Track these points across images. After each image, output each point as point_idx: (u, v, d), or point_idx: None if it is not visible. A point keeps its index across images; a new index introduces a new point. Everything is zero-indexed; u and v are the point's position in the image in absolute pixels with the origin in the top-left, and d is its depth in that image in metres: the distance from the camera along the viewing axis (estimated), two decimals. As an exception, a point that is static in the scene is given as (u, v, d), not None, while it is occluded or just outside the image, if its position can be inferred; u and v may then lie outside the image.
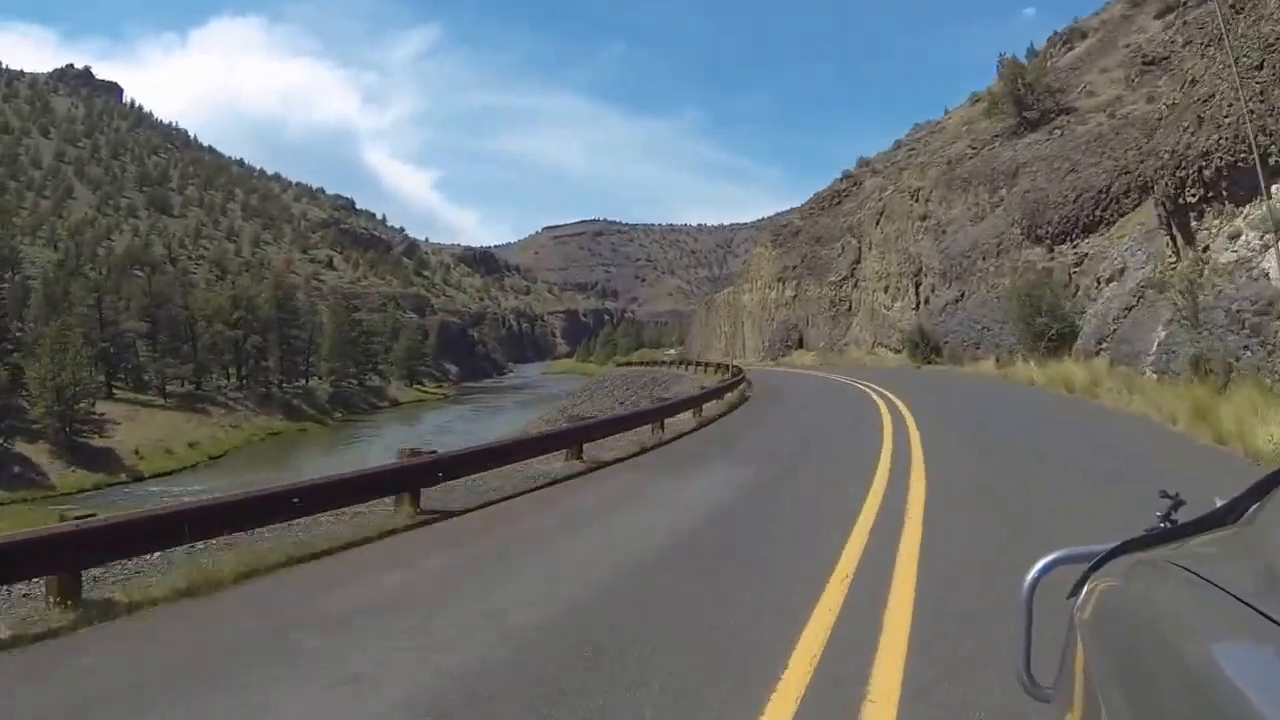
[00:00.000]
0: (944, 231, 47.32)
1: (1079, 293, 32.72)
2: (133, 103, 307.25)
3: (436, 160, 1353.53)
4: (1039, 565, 1.76)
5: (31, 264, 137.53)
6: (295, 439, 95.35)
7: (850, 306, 60.12)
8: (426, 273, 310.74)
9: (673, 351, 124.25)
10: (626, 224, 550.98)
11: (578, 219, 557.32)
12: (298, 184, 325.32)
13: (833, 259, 63.30)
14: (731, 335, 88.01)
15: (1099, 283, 31.32)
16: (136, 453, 77.22)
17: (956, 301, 43.39)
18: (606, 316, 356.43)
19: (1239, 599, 1.09)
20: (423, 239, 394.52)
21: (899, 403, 22.45)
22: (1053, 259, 35.28)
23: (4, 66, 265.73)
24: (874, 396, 25.93)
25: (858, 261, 59.42)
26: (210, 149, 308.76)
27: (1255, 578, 1.14)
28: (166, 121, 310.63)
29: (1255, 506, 1.52)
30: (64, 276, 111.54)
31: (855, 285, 59.61)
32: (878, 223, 56.47)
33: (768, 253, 76.61)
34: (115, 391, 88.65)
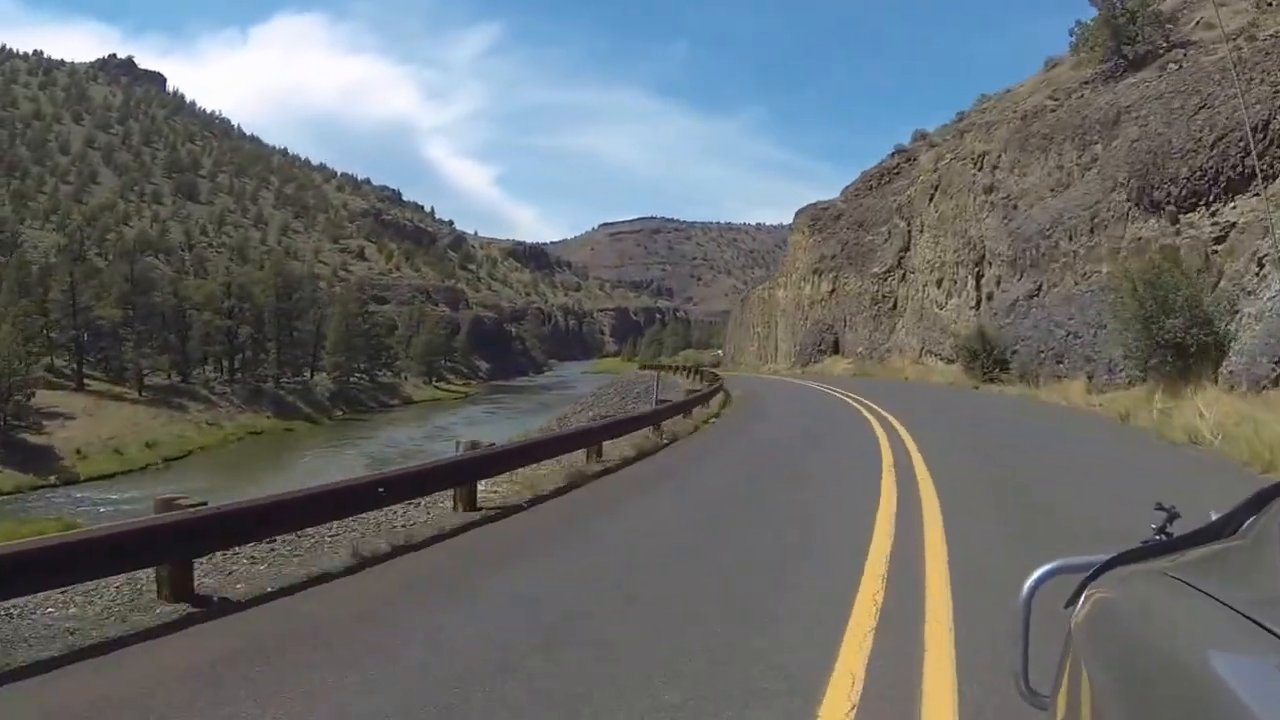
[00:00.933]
0: (1015, 206, 36.17)
1: (1221, 282, 21.45)
2: (175, 92, 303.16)
3: (497, 157, 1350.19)
4: (1036, 575, 1.74)
5: (34, 248, 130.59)
6: (279, 440, 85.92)
7: (895, 304, 48.86)
8: (471, 266, 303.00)
9: (719, 352, 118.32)
10: (683, 222, 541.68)
11: (635, 216, 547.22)
12: (342, 174, 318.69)
13: (876, 246, 52.07)
14: (765, 337, 77.04)
15: (1259, 267, 20.06)
16: (78, 452, 68.24)
17: (1031, 297, 32.10)
18: (658, 315, 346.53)
19: (1236, 610, 1.10)
20: (472, 232, 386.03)
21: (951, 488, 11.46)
22: (1178, 233, 23.91)
23: (44, 56, 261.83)
24: (891, 448, 14.87)
25: (906, 249, 48.16)
26: (253, 138, 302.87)
27: (1252, 590, 1.15)
28: (209, 111, 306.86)
29: (1251, 520, 1.53)
30: (66, 261, 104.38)
31: (902, 278, 48.34)
32: (931, 199, 45.17)
33: (804, 240, 65.49)
34: (89, 383, 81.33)
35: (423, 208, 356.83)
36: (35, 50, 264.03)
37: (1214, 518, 1.63)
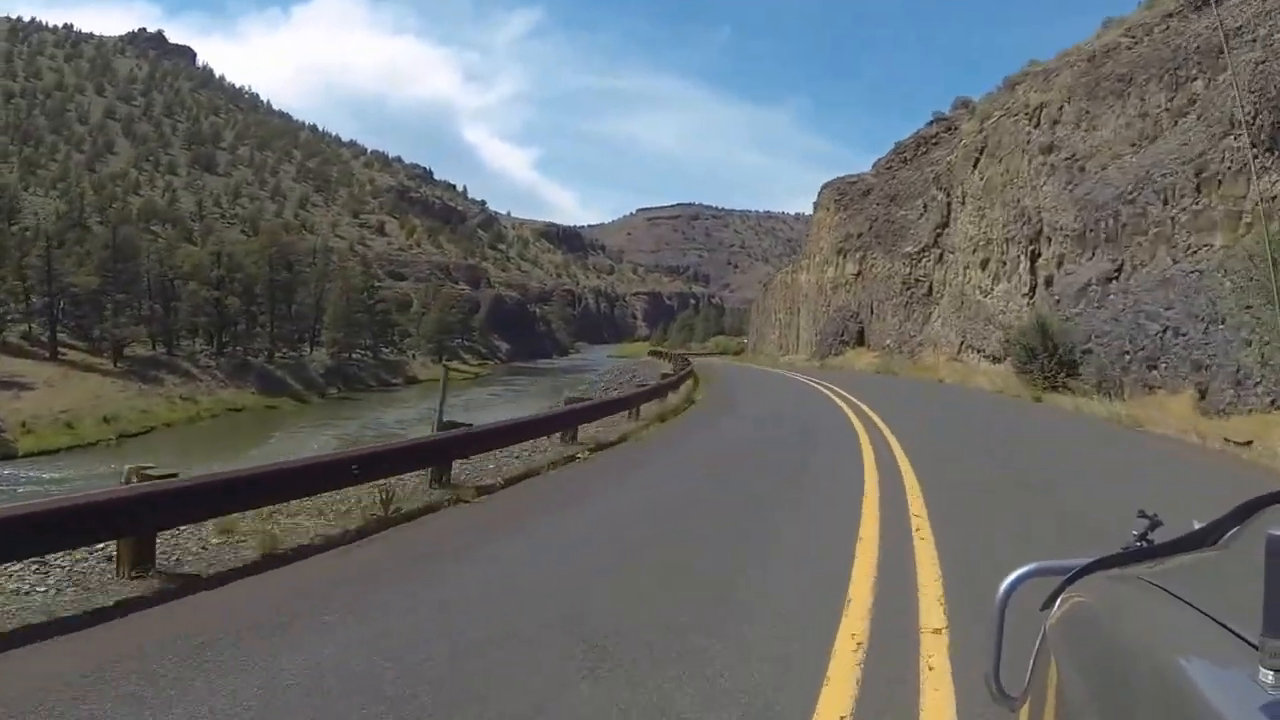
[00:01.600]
0: (1081, 168, 28.78)
1: None
2: (204, 66, 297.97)
3: (537, 140, 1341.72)
4: (1013, 576, 1.72)
5: (35, 214, 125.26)
6: (257, 418, 79.49)
7: (929, 289, 41.39)
8: (501, 246, 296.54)
9: (745, 340, 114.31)
10: (722, 209, 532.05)
11: (673, 202, 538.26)
12: (372, 152, 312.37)
13: (910, 222, 44.59)
14: (787, 325, 69.68)
15: None
16: (23, 425, 62.36)
17: (1107, 280, 24.58)
18: (692, 300, 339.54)
19: (1210, 616, 1.11)
20: (505, 213, 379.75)
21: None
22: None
23: (74, 29, 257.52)
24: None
25: (944, 225, 40.62)
26: (281, 114, 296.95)
27: (1226, 597, 1.15)
28: (238, 85, 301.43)
29: (1234, 531, 1.54)
30: (66, 229, 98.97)
31: (939, 259, 40.83)
32: (975, 164, 37.57)
33: (829, 217, 57.97)
34: (66, 353, 75.95)
35: (454, 186, 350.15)
36: (65, 24, 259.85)
37: (1196, 527, 1.61)
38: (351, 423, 70.80)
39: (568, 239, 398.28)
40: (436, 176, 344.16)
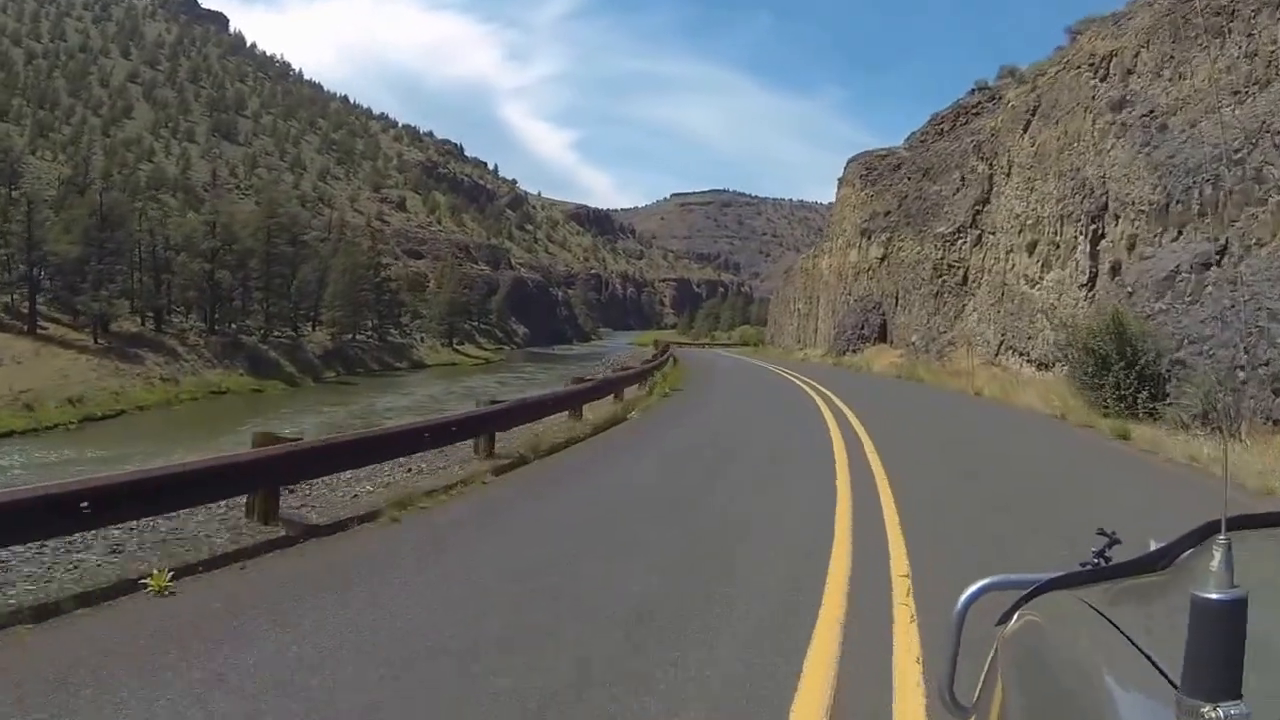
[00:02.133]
0: (1163, 126, 22.69)
1: None
2: (236, 33, 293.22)
3: (575, 122, 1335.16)
4: (971, 589, 1.72)
5: (38, 179, 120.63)
6: (240, 402, 74.15)
7: (965, 277, 35.03)
8: (529, 227, 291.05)
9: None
10: (755, 196, 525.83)
11: (707, 188, 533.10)
12: (403, 126, 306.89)
13: (944, 199, 38.25)
14: (805, 315, 63.48)
15: None
16: (-27, 405, 57.34)
17: (1204, 268, 18.26)
18: (721, 289, 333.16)
19: (1147, 656, 1.11)
20: (535, 193, 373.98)
21: None
22: None
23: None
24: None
25: (984, 201, 34.24)
26: (312, 84, 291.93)
27: (1160, 627, 1.19)
28: (269, 54, 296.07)
29: (1190, 552, 1.56)
30: (65, 195, 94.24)
31: (977, 241, 34.44)
32: (1025, 128, 31.22)
33: (854, 194, 51.65)
34: (48, 326, 71.60)
35: (485, 164, 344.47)
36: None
37: (1153, 547, 1.64)
38: (339, 410, 65.78)
39: (598, 221, 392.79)
40: (469, 154, 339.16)
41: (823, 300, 56.68)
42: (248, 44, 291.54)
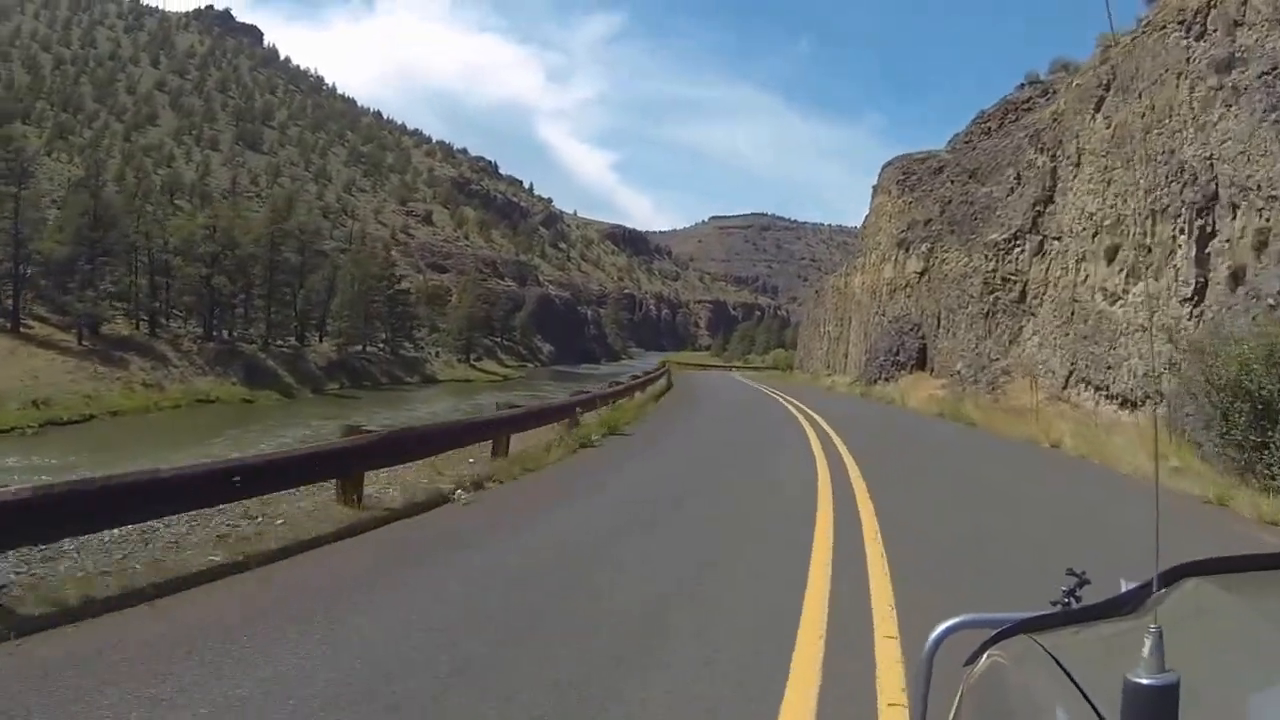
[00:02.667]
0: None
1: None
2: (270, 46, 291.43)
3: (614, 143, 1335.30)
4: (941, 628, 1.73)
5: (50, 180, 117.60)
6: (227, 412, 69.40)
7: (1023, 293, 28.80)
8: (562, 245, 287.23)
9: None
10: (794, 220, 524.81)
11: (746, 211, 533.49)
12: (437, 141, 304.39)
13: (996, 202, 32.15)
14: (836, 338, 57.49)
15: None
16: (-68, 405, 54.23)
17: None
18: (757, 312, 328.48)
19: (1092, 705, 1.11)
20: (571, 211, 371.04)
21: None
22: None
23: (139, 2, 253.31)
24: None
25: (1046, 201, 28.09)
26: (344, 97, 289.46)
27: (1114, 677, 1.13)
28: (302, 67, 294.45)
29: (1159, 594, 1.53)
30: (80, 195, 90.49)
31: (1038, 249, 28.24)
32: (1096, 109, 25.09)
33: (890, 202, 45.74)
34: (33, 326, 69.33)
35: (520, 182, 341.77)
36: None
37: (1124, 588, 1.62)
38: (329, 424, 60.54)
39: (633, 242, 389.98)
40: (506, 172, 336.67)
41: (854, 322, 50.69)
42: (281, 57, 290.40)
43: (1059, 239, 26.67)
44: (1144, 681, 0.88)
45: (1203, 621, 1.35)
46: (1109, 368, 21.82)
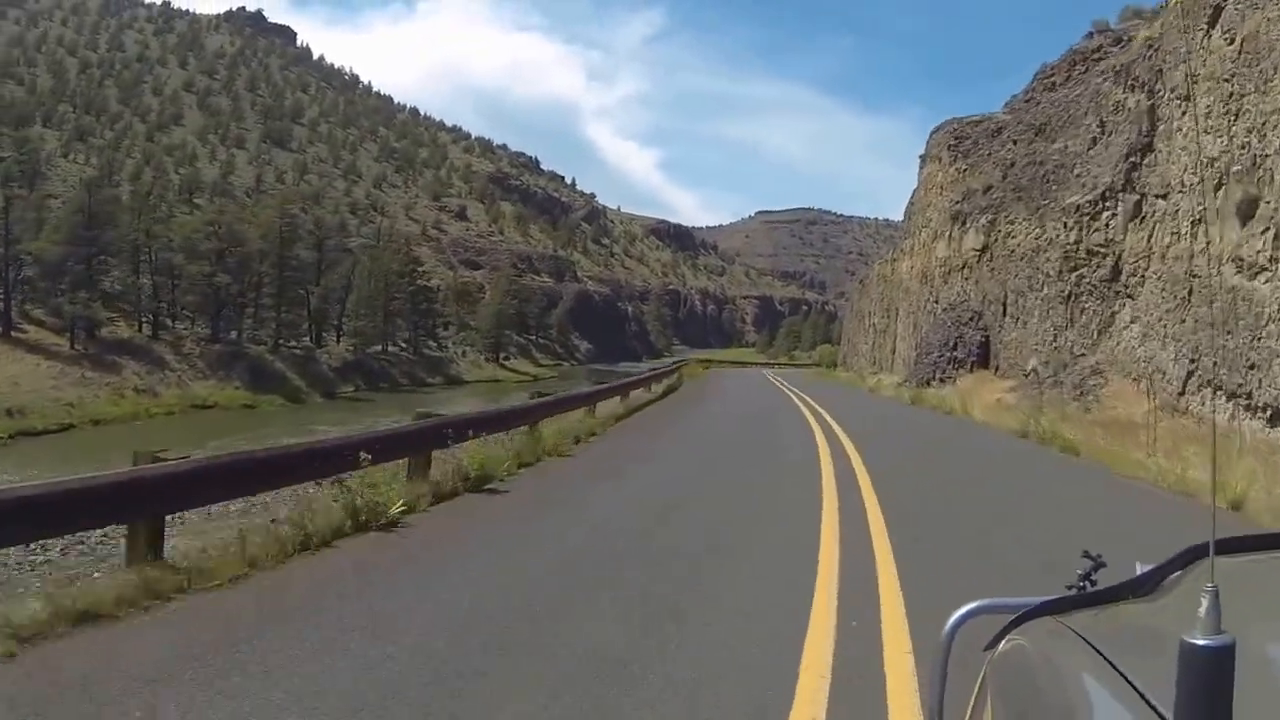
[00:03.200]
0: None
1: None
2: (303, 46, 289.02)
3: (659, 141, 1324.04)
4: (960, 612, 1.71)
5: (63, 182, 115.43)
6: (225, 418, 64.80)
7: (1115, 268, 22.39)
8: (605, 241, 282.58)
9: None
10: (840, 215, 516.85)
11: (792, 206, 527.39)
12: (476, 138, 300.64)
13: (1074, 159, 25.81)
14: (882, 331, 51.29)
15: None
16: (-105, 415, 50.97)
17: None
18: (804, 307, 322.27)
19: (1128, 680, 1.11)
20: (615, 207, 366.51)
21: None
22: None
23: (170, 5, 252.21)
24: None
25: (1143, 151, 21.72)
26: (378, 94, 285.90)
27: (1151, 656, 1.17)
28: (336, 66, 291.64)
29: (1176, 575, 1.55)
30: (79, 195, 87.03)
31: (1135, 211, 21.84)
32: (1212, 22, 18.66)
33: (941, 172, 39.43)
34: (27, 330, 66.29)
35: (561, 178, 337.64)
36: (163, 1, 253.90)
37: (1139, 571, 1.61)
38: (332, 432, 55.16)
39: (678, 237, 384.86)
40: (549, 168, 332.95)
41: (902, 313, 44.43)
42: (315, 56, 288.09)
43: (1163, 196, 20.37)
44: (1201, 643, 0.87)
45: (1233, 592, 1.17)
46: (1251, 367, 15.60)
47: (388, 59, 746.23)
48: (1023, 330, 26.87)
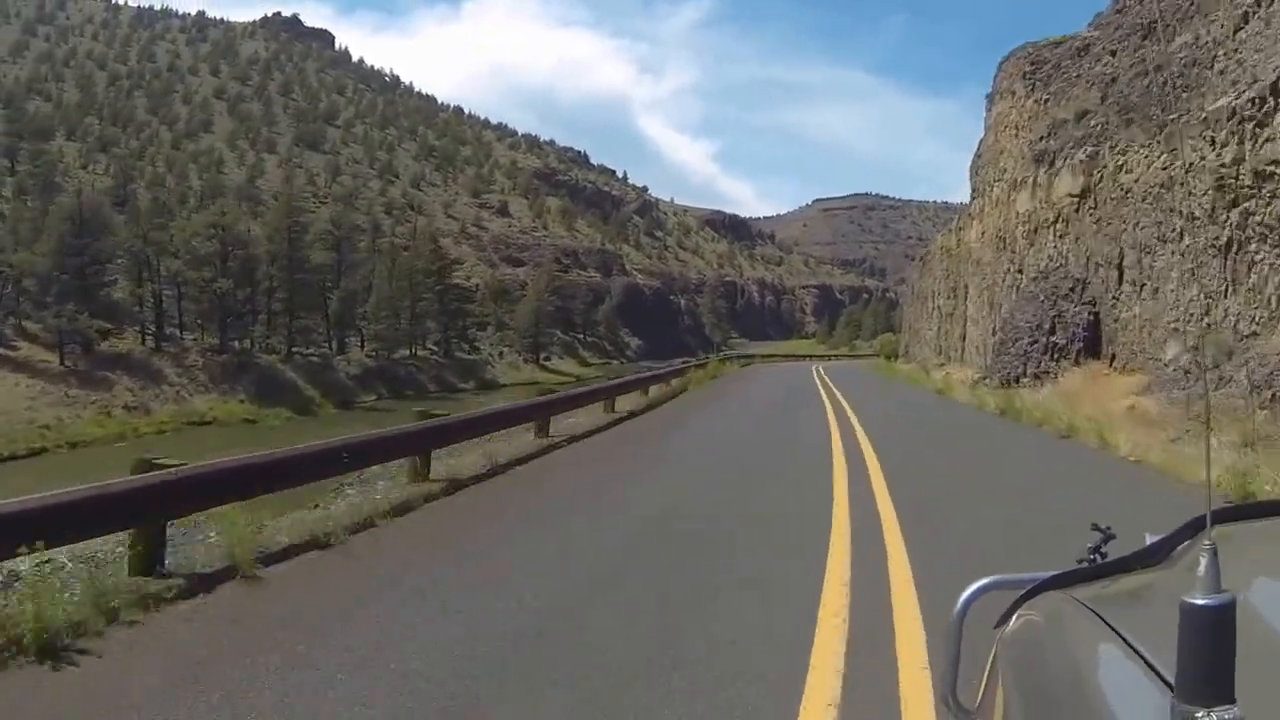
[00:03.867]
0: None
1: None
2: (342, 49, 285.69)
3: (713, 131, 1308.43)
4: (971, 589, 1.71)
5: (79, 193, 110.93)
6: (222, 434, 58.52)
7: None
8: (658, 234, 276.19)
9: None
10: (898, 199, 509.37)
11: (849, 193, 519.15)
12: (523, 135, 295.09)
13: (1213, 50, 17.88)
14: (949, 314, 43.22)
15: None
16: None
17: None
18: (865, 295, 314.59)
19: (1143, 657, 1.12)
20: (668, 199, 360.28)
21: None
22: None
23: (204, 15, 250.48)
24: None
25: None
26: (419, 95, 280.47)
27: (1164, 631, 1.13)
28: (376, 68, 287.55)
29: (1185, 545, 1.56)
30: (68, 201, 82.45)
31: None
32: None
33: (1015, 108, 31.43)
34: (19, 345, 61.78)
35: (612, 171, 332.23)
36: (198, 11, 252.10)
37: (1149, 541, 1.63)
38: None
39: (734, 227, 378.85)
40: (600, 163, 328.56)
41: (973, 290, 36.46)
42: (354, 60, 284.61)
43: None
44: (1201, 602, 0.88)
45: (1238, 557, 1.30)
46: None
47: (436, 62, 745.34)
48: (1153, 301, 18.87)
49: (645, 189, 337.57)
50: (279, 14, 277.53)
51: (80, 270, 65.72)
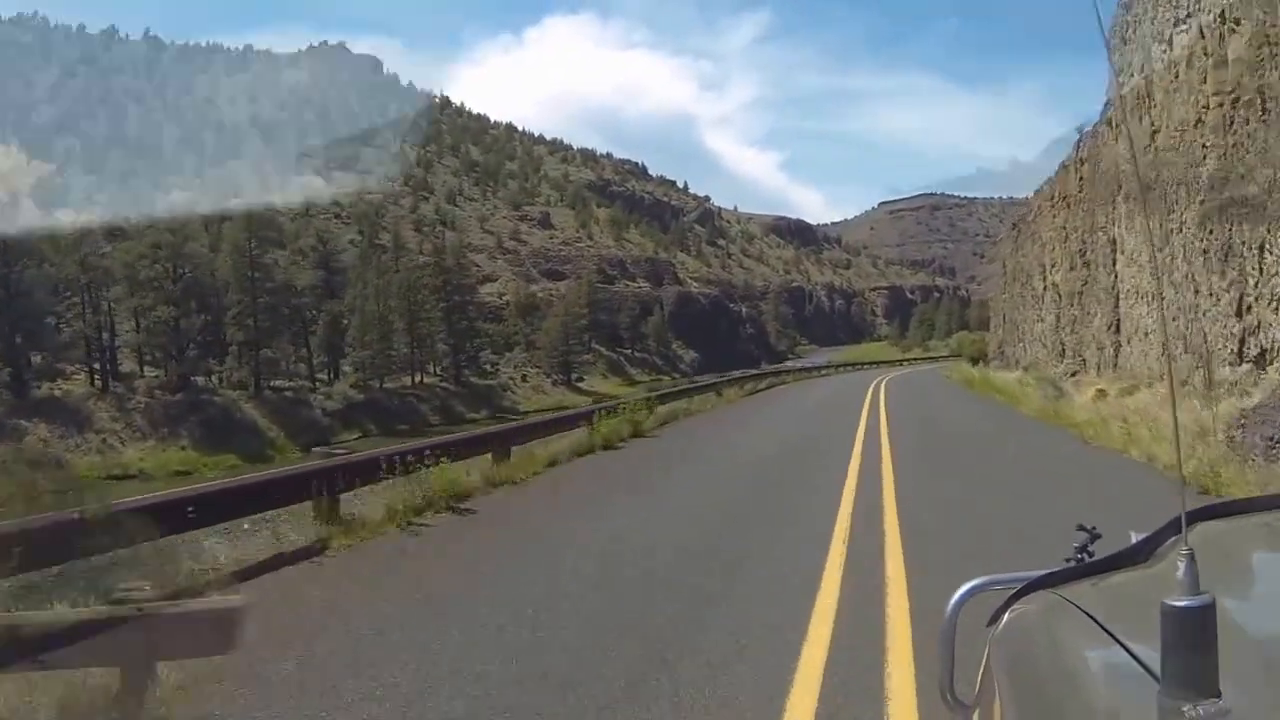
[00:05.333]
0: None
1: None
2: (390, 75, 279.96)
3: (778, 142, 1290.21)
4: (963, 589, 1.77)
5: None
6: (123, 491, 45.09)
7: None
8: (721, 242, 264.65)
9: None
10: (965, 197, 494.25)
11: (915, 193, 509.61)
12: (579, 149, 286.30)
13: None
14: (1072, 300, 29.26)
15: None
16: None
17: None
18: (936, 294, 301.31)
19: (1131, 653, 1.15)
20: (731, 207, 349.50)
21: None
22: None
23: (251, 48, 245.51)
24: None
25: None
26: (470, 113, 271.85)
27: (1147, 622, 1.17)
28: (423, 89, 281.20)
29: (1170, 542, 1.59)
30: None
31: None
32: None
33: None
34: None
35: (672, 182, 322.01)
36: (245, 45, 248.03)
37: (1134, 540, 1.66)
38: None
39: (800, 233, 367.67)
40: (656, 174, 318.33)
41: (1119, 259, 22.60)
42: (404, 84, 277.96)
43: None
44: (1180, 604, 0.91)
45: (1218, 556, 1.34)
46: None
47: (502, 91, 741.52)
48: None
49: (707, 198, 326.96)
50: (325, 42, 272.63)
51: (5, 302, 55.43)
